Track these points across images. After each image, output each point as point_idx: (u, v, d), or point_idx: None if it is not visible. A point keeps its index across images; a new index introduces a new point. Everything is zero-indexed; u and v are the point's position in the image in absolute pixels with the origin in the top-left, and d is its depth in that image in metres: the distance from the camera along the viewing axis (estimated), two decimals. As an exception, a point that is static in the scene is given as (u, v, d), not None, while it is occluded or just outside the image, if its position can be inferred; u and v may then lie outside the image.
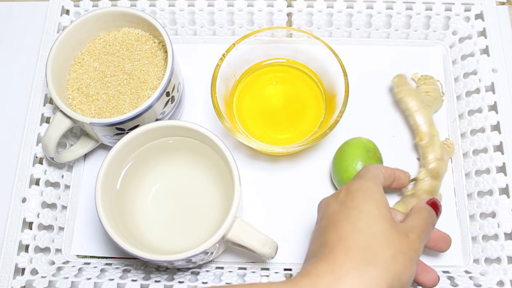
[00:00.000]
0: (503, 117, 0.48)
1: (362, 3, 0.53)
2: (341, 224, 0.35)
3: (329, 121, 0.47)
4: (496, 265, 0.45)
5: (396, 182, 0.43)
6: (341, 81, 0.47)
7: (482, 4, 0.53)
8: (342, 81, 0.47)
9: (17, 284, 0.44)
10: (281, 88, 0.52)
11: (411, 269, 0.34)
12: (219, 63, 0.47)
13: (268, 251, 0.41)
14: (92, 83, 0.46)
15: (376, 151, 0.48)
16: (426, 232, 0.38)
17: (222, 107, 0.47)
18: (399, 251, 0.34)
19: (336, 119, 0.45)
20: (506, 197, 0.46)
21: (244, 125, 0.50)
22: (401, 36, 0.56)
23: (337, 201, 0.37)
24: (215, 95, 0.46)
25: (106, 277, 0.44)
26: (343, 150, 0.48)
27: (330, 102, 0.49)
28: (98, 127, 0.44)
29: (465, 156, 0.51)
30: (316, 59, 0.50)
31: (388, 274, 0.33)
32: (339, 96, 0.47)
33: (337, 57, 0.47)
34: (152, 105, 0.44)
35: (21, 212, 0.45)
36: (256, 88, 0.52)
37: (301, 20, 0.55)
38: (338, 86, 0.47)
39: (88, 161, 0.52)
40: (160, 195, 0.47)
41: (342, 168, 0.47)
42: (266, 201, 0.50)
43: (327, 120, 0.48)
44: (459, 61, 0.54)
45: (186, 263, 0.41)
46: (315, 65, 0.51)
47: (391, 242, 0.34)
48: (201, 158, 0.46)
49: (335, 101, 0.48)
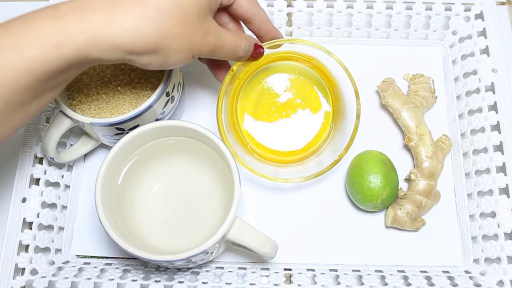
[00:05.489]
0: (503, 117, 0.48)
1: (362, 3, 0.53)
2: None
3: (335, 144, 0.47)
4: (496, 265, 0.45)
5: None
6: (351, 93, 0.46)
7: (482, 4, 0.53)
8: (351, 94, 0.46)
9: (17, 284, 0.44)
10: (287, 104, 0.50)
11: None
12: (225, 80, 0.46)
13: (268, 251, 0.41)
14: (92, 83, 0.46)
15: (391, 163, 0.48)
16: (230, 44, 0.39)
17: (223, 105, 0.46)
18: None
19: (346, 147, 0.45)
20: (506, 197, 0.46)
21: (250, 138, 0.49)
22: (401, 36, 0.56)
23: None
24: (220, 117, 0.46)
25: (106, 277, 0.44)
26: (360, 166, 0.47)
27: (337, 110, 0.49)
28: (98, 127, 0.44)
29: (465, 156, 0.51)
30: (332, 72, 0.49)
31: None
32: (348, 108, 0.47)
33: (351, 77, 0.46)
34: (152, 105, 0.44)
35: (21, 212, 0.45)
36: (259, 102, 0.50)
37: (301, 20, 0.55)
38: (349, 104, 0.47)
39: (88, 161, 0.52)
40: (160, 195, 0.47)
41: (364, 186, 0.46)
42: (266, 201, 0.50)
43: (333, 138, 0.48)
44: (459, 61, 0.54)
45: (186, 263, 0.41)
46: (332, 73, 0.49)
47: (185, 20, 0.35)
48: (201, 158, 0.46)
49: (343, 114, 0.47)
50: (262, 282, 0.44)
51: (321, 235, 0.49)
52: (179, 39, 0.35)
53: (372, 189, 0.46)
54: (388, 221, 0.48)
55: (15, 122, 0.34)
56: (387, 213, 0.49)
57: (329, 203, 0.50)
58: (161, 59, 0.36)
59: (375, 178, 0.46)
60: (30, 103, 0.33)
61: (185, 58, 0.37)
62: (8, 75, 0.31)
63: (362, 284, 0.44)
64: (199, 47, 0.37)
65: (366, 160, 0.47)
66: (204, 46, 0.37)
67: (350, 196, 0.49)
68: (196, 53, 0.37)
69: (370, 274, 0.46)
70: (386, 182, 0.46)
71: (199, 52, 0.37)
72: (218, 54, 0.39)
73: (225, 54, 0.40)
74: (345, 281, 0.44)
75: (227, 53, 0.40)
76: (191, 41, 0.36)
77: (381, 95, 0.52)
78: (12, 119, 0.33)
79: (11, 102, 0.32)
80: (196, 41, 0.36)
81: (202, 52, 0.38)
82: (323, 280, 0.44)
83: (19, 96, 0.32)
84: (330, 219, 0.50)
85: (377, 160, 0.47)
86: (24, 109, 0.33)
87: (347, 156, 0.50)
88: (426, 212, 0.49)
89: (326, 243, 0.49)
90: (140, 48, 0.34)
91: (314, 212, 0.50)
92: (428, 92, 0.52)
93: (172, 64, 0.37)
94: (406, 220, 0.47)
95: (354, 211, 0.50)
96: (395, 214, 0.47)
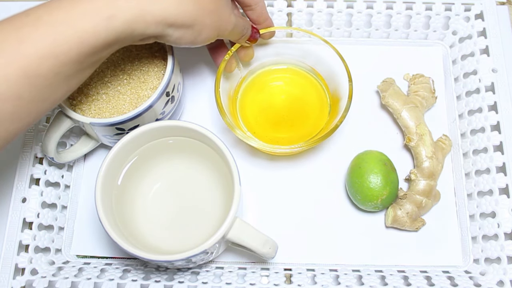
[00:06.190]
0: (503, 117, 0.48)
1: (362, 3, 0.53)
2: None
3: (330, 125, 0.47)
4: (496, 265, 0.45)
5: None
6: (346, 86, 0.46)
7: (482, 4, 0.53)
8: (347, 87, 0.46)
9: (17, 284, 0.44)
10: (287, 88, 0.52)
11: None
12: (225, 58, 0.47)
13: (268, 251, 0.41)
14: (92, 83, 0.46)
15: (391, 163, 0.48)
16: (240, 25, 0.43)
17: (225, 102, 0.47)
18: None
19: (337, 123, 0.45)
20: (506, 197, 0.46)
21: (246, 122, 0.50)
22: (401, 36, 0.56)
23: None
24: (218, 90, 0.46)
25: (106, 277, 0.44)
26: (361, 166, 0.47)
27: (335, 106, 0.49)
28: (98, 127, 0.44)
29: (465, 156, 0.51)
30: (324, 62, 0.50)
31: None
32: (343, 101, 0.47)
33: (344, 62, 0.47)
34: (152, 105, 0.44)
35: (21, 212, 0.45)
36: (261, 86, 0.52)
37: (301, 20, 0.55)
38: (343, 91, 0.47)
39: (88, 161, 0.52)
40: (160, 195, 0.47)
41: (364, 186, 0.46)
42: (266, 201, 0.50)
43: (330, 123, 0.48)
44: (459, 61, 0.54)
45: (186, 263, 0.41)
46: (323, 68, 0.51)
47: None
48: (201, 158, 0.46)
49: (339, 105, 0.48)
50: (262, 282, 0.44)
51: (321, 235, 0.49)
52: (212, 15, 0.39)
53: (372, 189, 0.46)
54: (388, 221, 0.48)
55: (58, 95, 0.36)
56: (387, 213, 0.49)
57: (329, 203, 0.50)
58: (194, 34, 0.39)
59: (375, 178, 0.46)
60: (74, 76, 0.35)
61: (213, 35, 0.41)
62: (61, 46, 0.33)
63: (362, 284, 0.44)
64: (225, 25, 0.41)
65: (366, 160, 0.47)
66: (228, 25, 0.42)
67: (350, 196, 0.49)
68: (221, 31, 0.41)
69: (370, 274, 0.46)
70: (386, 182, 0.46)
71: (224, 30, 0.42)
72: (233, 33, 0.43)
73: (237, 32, 0.44)
74: (345, 281, 0.44)
75: (237, 32, 0.44)
76: (220, 19, 0.40)
77: (381, 95, 0.52)
78: (57, 91, 0.35)
79: (60, 73, 0.34)
80: (224, 19, 0.41)
81: (227, 29, 0.42)
82: (323, 280, 0.44)
83: (68, 68, 0.34)
84: (330, 219, 0.50)
85: (377, 160, 0.47)
86: (68, 82, 0.35)
87: (347, 156, 0.50)
88: (426, 212, 0.49)
89: (326, 243, 0.49)
90: (180, 21, 0.37)
91: (314, 212, 0.50)
92: (428, 92, 0.52)
93: (201, 41, 0.40)
94: (406, 220, 0.47)
95: (354, 211, 0.50)
96: (395, 214, 0.47)
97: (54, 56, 0.33)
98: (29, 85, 0.33)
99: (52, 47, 0.32)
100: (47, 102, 0.35)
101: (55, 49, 0.33)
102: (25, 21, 0.33)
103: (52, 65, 0.33)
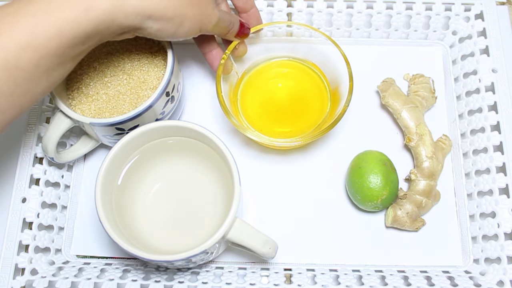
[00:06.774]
0: (503, 117, 0.48)
1: (362, 3, 0.53)
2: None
3: (335, 112, 0.47)
4: (496, 265, 0.45)
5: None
6: (344, 70, 0.47)
7: (482, 4, 0.53)
8: (345, 71, 0.47)
9: (17, 284, 0.44)
10: (284, 83, 0.52)
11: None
12: (221, 62, 0.47)
13: (268, 251, 0.41)
14: (92, 83, 0.46)
15: (391, 163, 0.48)
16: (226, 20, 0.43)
17: (227, 105, 0.47)
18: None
19: (344, 108, 0.45)
20: (506, 197, 0.46)
21: (250, 121, 0.50)
22: (401, 36, 0.56)
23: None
24: (221, 93, 0.46)
25: (106, 277, 0.44)
26: (360, 166, 0.47)
27: (334, 93, 0.49)
28: (98, 127, 0.44)
29: (465, 156, 0.51)
30: (317, 52, 0.50)
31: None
32: (343, 86, 0.47)
33: (338, 46, 0.47)
34: (152, 105, 0.44)
35: (21, 212, 0.45)
36: (259, 84, 0.52)
37: (301, 20, 0.55)
38: (341, 76, 0.47)
39: (88, 161, 0.52)
40: (160, 195, 0.47)
41: (364, 186, 0.46)
42: (266, 201, 0.50)
43: (333, 111, 0.48)
44: (459, 61, 0.54)
45: (186, 263, 0.41)
46: (316, 58, 0.51)
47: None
48: (201, 158, 0.46)
49: (339, 91, 0.48)
50: (262, 282, 0.44)
51: (321, 235, 0.49)
52: (194, 8, 0.39)
53: (372, 189, 0.46)
54: (388, 221, 0.48)
55: (39, 88, 0.35)
56: (387, 213, 0.49)
57: (329, 203, 0.50)
58: (175, 27, 0.39)
59: (375, 178, 0.46)
60: (55, 70, 0.35)
61: (195, 29, 0.41)
62: (40, 38, 0.33)
63: (362, 284, 0.44)
64: (209, 19, 0.41)
65: (366, 160, 0.47)
66: (212, 18, 0.41)
67: (350, 196, 0.49)
68: (204, 24, 0.41)
69: (370, 274, 0.46)
70: (386, 182, 0.46)
71: (208, 23, 0.41)
72: (218, 27, 0.43)
73: (222, 27, 0.44)
74: (345, 281, 0.44)
75: (223, 26, 0.44)
76: (202, 12, 0.40)
77: (381, 95, 0.52)
78: (38, 85, 0.35)
79: (39, 66, 0.34)
80: (207, 13, 0.41)
81: (210, 23, 0.41)
82: (323, 280, 0.44)
83: (47, 60, 0.34)
84: (330, 219, 0.50)
85: (377, 160, 0.47)
86: (49, 75, 0.35)
87: (347, 156, 0.50)
88: (426, 212, 0.49)
89: (326, 243, 0.49)
90: (160, 13, 0.37)
91: (314, 212, 0.50)
92: (428, 92, 0.52)
93: (183, 34, 0.40)
94: (406, 220, 0.47)
95: (354, 211, 0.50)
96: (395, 214, 0.47)
97: (33, 47, 0.33)
98: (8, 77, 0.32)
99: (31, 39, 0.32)
100: (29, 96, 0.35)
101: (34, 41, 0.32)
102: (5, 12, 0.33)
103: (31, 57, 0.33)
